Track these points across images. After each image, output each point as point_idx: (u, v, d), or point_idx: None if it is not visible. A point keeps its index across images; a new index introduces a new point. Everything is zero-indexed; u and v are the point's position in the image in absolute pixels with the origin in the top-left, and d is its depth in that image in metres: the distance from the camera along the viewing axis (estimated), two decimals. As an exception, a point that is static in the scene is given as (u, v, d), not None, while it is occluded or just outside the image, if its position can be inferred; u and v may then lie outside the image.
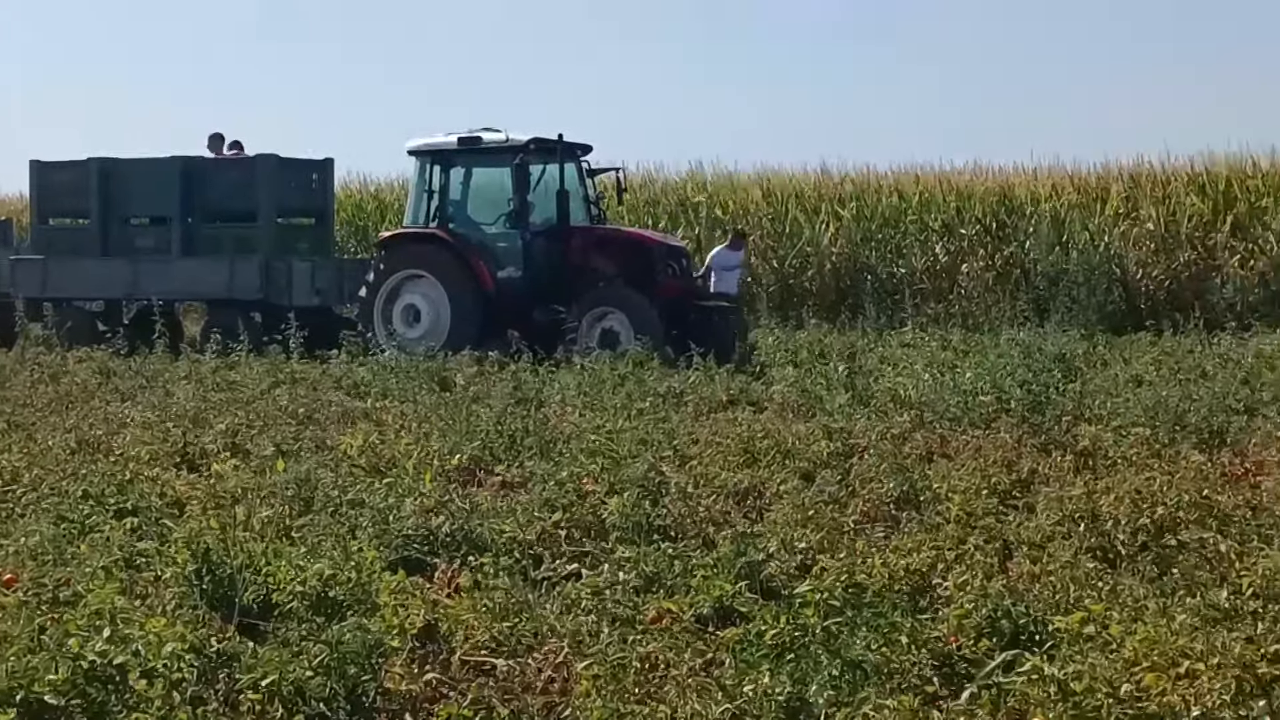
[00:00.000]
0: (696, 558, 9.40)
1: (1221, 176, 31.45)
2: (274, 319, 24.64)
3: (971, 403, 16.01)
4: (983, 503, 10.91)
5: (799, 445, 13.85)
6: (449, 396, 17.99)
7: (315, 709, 6.75)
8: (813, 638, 7.35)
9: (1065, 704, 6.11)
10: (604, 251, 24.73)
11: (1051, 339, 22.08)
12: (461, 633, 7.81)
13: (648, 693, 6.86)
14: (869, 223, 33.31)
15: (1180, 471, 11.82)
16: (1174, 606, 7.64)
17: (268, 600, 8.40)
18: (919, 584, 8.75)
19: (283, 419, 15.97)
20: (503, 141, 24.85)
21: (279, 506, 10.85)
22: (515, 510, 10.86)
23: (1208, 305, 28.55)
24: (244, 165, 27.31)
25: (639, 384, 18.54)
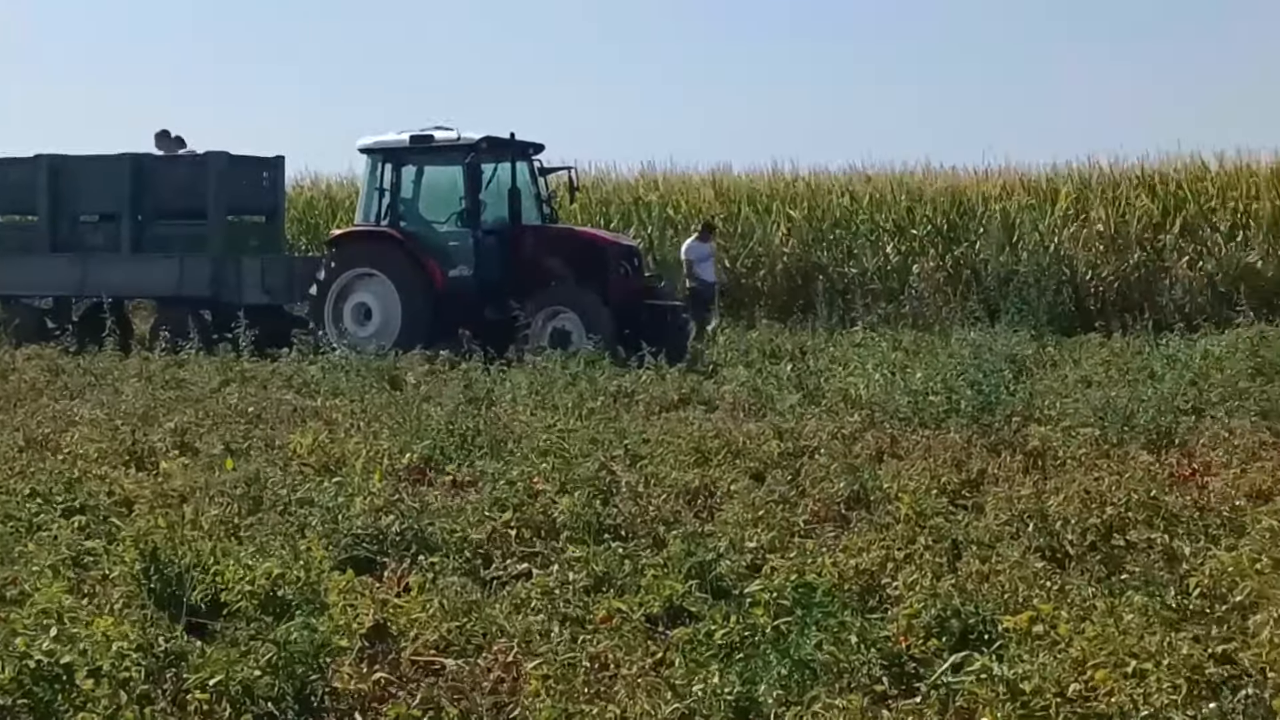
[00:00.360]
0: (647, 557, 9.41)
1: (1171, 178, 31.61)
2: (224, 317, 24.51)
3: (922, 403, 16.05)
4: (932, 502, 10.93)
5: (750, 445, 13.87)
6: (399, 395, 17.94)
7: (263, 708, 6.73)
8: (762, 637, 7.36)
9: (1014, 704, 6.12)
10: (556, 251, 24.69)
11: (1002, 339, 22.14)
12: (411, 632, 7.79)
13: (597, 692, 6.86)
14: (820, 223, 33.35)
15: (1129, 472, 11.87)
16: (1122, 606, 7.66)
17: (216, 599, 8.38)
18: (868, 583, 8.78)
19: (232, 417, 15.92)
20: (454, 140, 24.78)
21: (227, 505, 10.82)
22: (465, 509, 10.85)
23: (1156, 306, 28.69)
24: (194, 163, 27.17)
25: (590, 383, 18.54)
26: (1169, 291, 29.41)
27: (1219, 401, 16.82)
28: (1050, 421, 14.98)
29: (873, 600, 8.54)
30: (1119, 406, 15.10)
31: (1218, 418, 15.52)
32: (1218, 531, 10.05)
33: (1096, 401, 15.61)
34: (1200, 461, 13.06)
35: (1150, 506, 10.46)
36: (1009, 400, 15.87)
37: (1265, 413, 15.88)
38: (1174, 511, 10.45)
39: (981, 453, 13.50)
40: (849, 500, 11.49)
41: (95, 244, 27.16)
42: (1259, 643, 7.11)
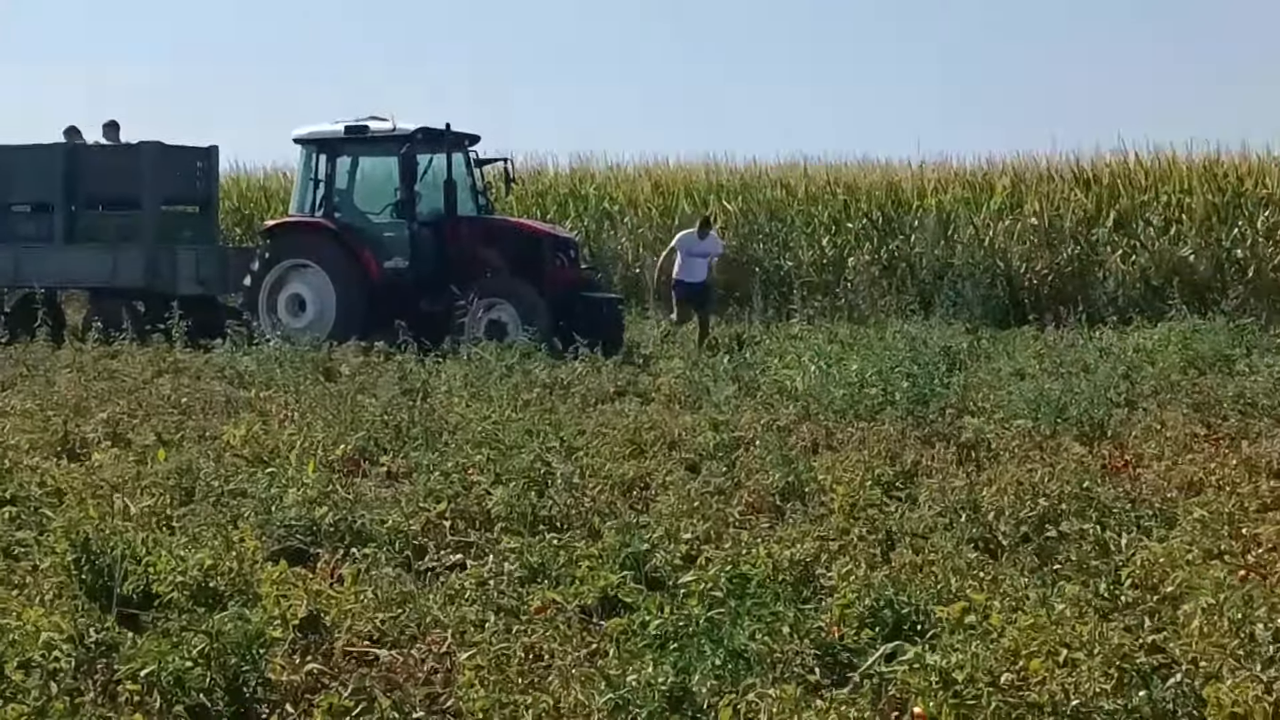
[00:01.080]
0: (582, 548, 9.40)
1: (1104, 172, 31.75)
2: (158, 307, 24.34)
3: (857, 395, 16.10)
4: (867, 494, 10.97)
5: (685, 436, 13.90)
6: (334, 387, 17.88)
7: (195, 700, 6.70)
8: (696, 628, 7.37)
9: (946, 693, 6.14)
10: (491, 242, 24.63)
11: (936, 332, 22.24)
12: (344, 623, 7.77)
13: (531, 683, 6.85)
14: (756, 216, 33.38)
15: (1061, 463, 11.96)
16: (1054, 596, 7.70)
17: (148, 590, 8.35)
18: (803, 574, 8.80)
19: (165, 408, 15.83)
20: (389, 131, 24.69)
21: (160, 496, 10.76)
22: (400, 501, 10.82)
23: (1090, 299, 28.83)
24: (128, 152, 26.98)
25: (526, 375, 18.51)
26: (1102, 285, 29.53)
27: (1151, 394, 16.95)
28: (984, 414, 15.06)
29: (807, 591, 8.56)
30: (1052, 399, 15.17)
31: (1150, 410, 15.63)
32: (1149, 523, 10.12)
33: (1030, 394, 15.67)
34: (1132, 453, 13.16)
35: (1083, 498, 10.54)
36: (943, 393, 15.94)
37: (1197, 405, 16.00)
38: (1106, 503, 10.53)
39: (916, 445, 13.56)
40: (784, 492, 11.51)
41: (27, 234, 26.90)
42: (1189, 632, 7.17)
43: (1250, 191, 30.01)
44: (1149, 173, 31.39)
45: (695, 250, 26.22)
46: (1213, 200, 30.04)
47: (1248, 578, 8.16)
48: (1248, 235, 29.18)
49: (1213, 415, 15.44)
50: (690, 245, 26.26)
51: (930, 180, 33.27)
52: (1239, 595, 7.46)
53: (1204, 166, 30.91)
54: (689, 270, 26.08)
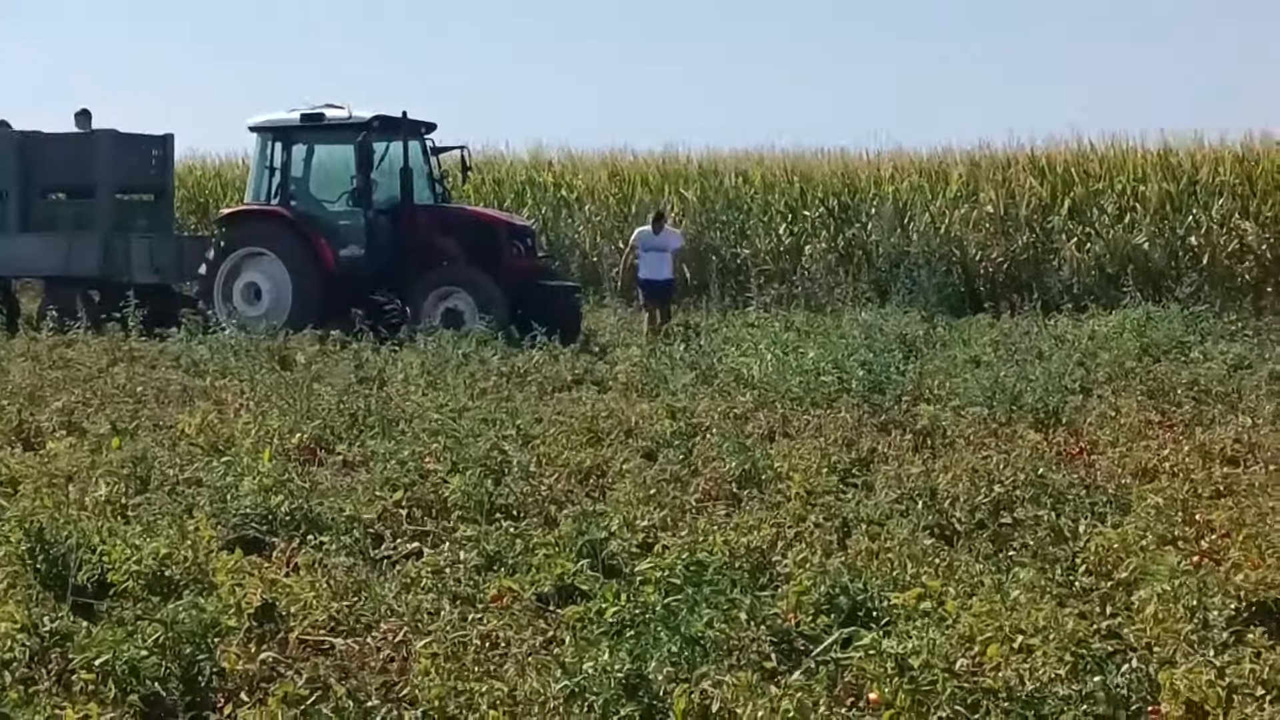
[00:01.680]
0: (538, 536, 9.40)
1: (1059, 160, 31.86)
2: (113, 296, 24.24)
3: (813, 383, 16.12)
4: (823, 481, 10.99)
5: (642, 424, 13.90)
6: (289, 375, 17.82)
7: (149, 689, 6.67)
8: (653, 615, 7.37)
9: (901, 679, 6.16)
10: (448, 230, 24.58)
11: (892, 320, 22.29)
12: (299, 612, 7.75)
13: (487, 670, 6.84)
14: (713, 204, 33.39)
15: (1017, 450, 12.01)
16: (1009, 583, 7.74)
17: (103, 580, 8.33)
18: (759, 561, 8.81)
19: (120, 397, 15.76)
20: (346, 118, 24.65)
21: (115, 485, 10.71)
22: (356, 489, 10.81)
23: (1045, 287, 28.93)
24: (82, 140, 26.83)
25: (482, 363, 18.51)
26: (1057, 273, 29.65)
27: (1106, 381, 17.02)
28: (940, 401, 15.10)
29: (763, 578, 8.56)
30: (1007, 386, 15.23)
31: (1105, 397, 15.70)
32: (1104, 509, 10.16)
33: (985, 381, 15.72)
34: (1087, 440, 13.21)
35: (1038, 484, 10.59)
36: (899, 380, 15.99)
37: (1151, 392, 16.07)
38: (1061, 489, 10.57)
39: (872, 432, 13.59)
40: (740, 479, 11.52)
41: (-20, 222, 26.75)
42: (1143, 618, 7.21)
43: (1204, 180, 30.15)
44: (1103, 161, 31.51)
45: (652, 245, 25.64)
46: (1167, 188, 30.18)
47: (1201, 563, 8.21)
48: (1202, 223, 29.32)
49: (1167, 402, 15.51)
50: (646, 241, 25.75)
51: (887, 169, 33.33)
52: (1193, 581, 7.51)
53: (1158, 155, 31.05)
54: (650, 267, 25.51)
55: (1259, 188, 29.69)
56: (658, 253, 25.57)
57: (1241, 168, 30.14)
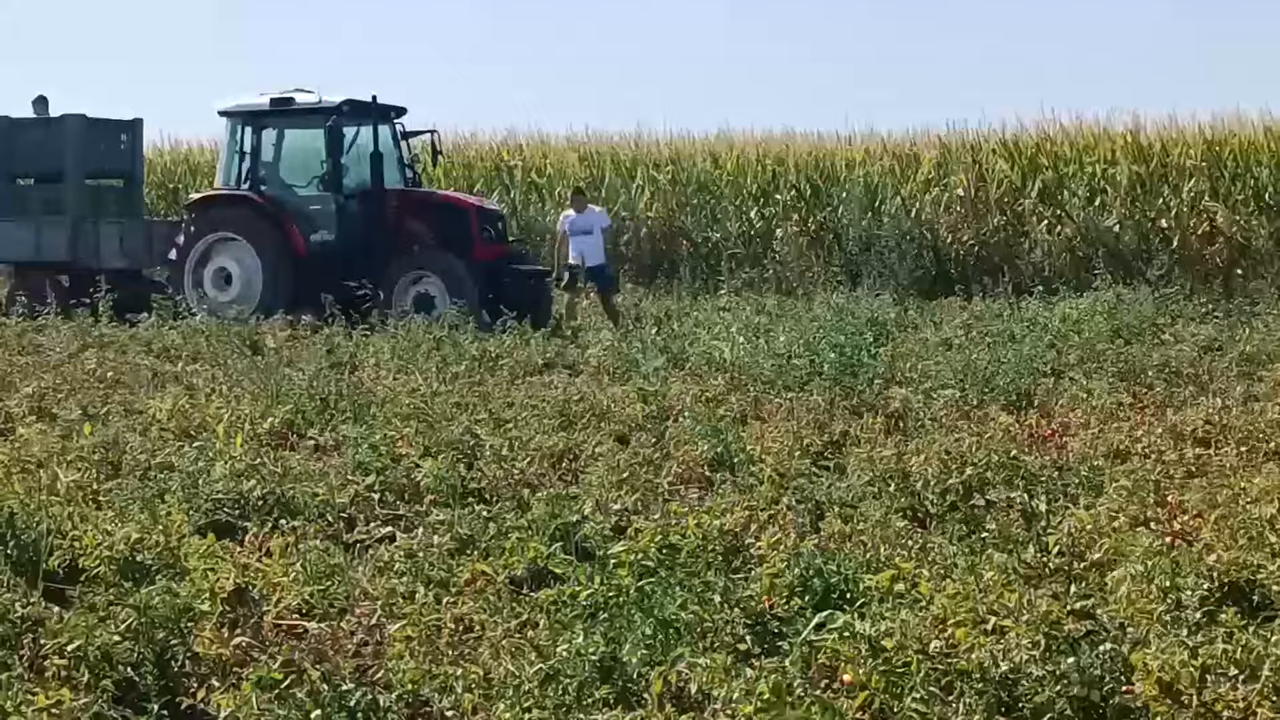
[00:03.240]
0: (511, 520, 9.40)
1: (1028, 143, 31.93)
2: (82, 282, 24.21)
3: (785, 366, 16.13)
4: (795, 464, 11.00)
5: (614, 408, 13.89)
6: (260, 360, 17.79)
7: (122, 674, 6.65)
8: (627, 598, 7.37)
9: (875, 661, 6.16)
10: (419, 215, 24.56)
11: (864, 303, 22.31)
12: (273, 596, 7.73)
13: (461, 654, 6.84)
14: (685, 187, 33.40)
15: (988, 432, 12.02)
16: (982, 564, 7.74)
17: (74, 565, 8.29)
18: (732, 544, 8.79)
19: (91, 383, 15.71)
20: (315, 103, 24.59)
21: (86, 471, 10.68)
22: (328, 474, 10.78)
23: (1016, 270, 29.01)
24: (50, 125, 26.73)
25: (454, 348, 18.48)
26: (1028, 255, 29.75)
27: (1077, 363, 17.06)
28: (911, 384, 15.14)
29: (737, 560, 8.56)
30: (979, 369, 15.25)
31: (1076, 379, 15.73)
32: (1076, 490, 10.20)
33: (957, 364, 15.75)
34: (1059, 422, 13.23)
35: (1010, 466, 10.60)
36: (871, 363, 15.98)
37: (1123, 374, 16.11)
38: (1033, 471, 10.60)
39: (844, 415, 13.61)
40: (713, 462, 11.53)
41: (-51, 208, 26.65)
42: (1116, 599, 7.22)
43: (1174, 162, 30.25)
44: (1073, 144, 31.58)
45: (578, 227, 24.49)
46: (1137, 171, 30.27)
47: (1174, 544, 8.21)
48: (1172, 205, 29.43)
49: (1138, 384, 15.55)
50: (572, 224, 24.63)
51: (858, 152, 33.37)
52: (1166, 562, 7.53)
53: (1128, 137, 31.11)
54: (579, 250, 24.30)
55: (1229, 170, 29.78)
56: (585, 235, 24.44)
57: (1211, 150, 30.22)
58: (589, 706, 6.23)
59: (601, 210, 26.71)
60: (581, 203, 25.15)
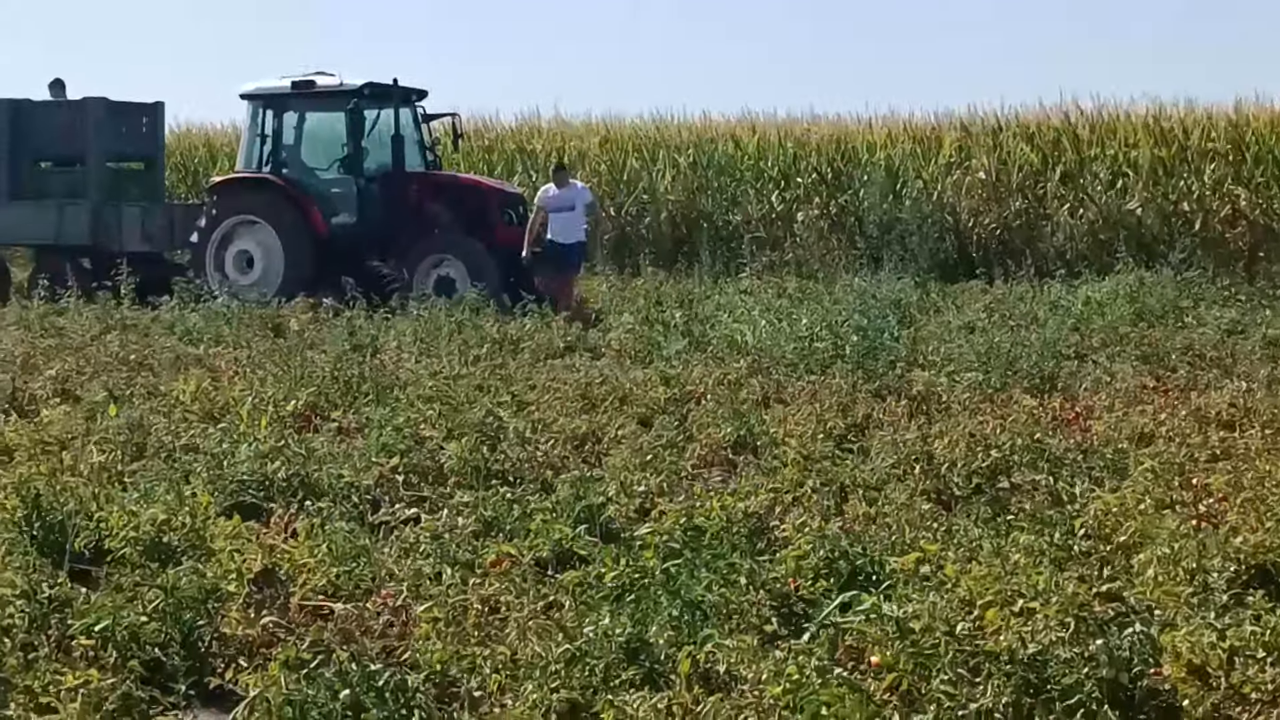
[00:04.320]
0: (535, 502, 9.41)
1: (1050, 127, 31.83)
2: (103, 264, 24.26)
3: (807, 349, 16.11)
4: (819, 447, 10.99)
5: (637, 391, 13.87)
6: (283, 343, 17.81)
7: (150, 654, 6.66)
8: (652, 580, 7.37)
9: (903, 643, 6.15)
10: (439, 198, 24.56)
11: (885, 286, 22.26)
12: (299, 577, 7.74)
13: (488, 635, 6.84)
14: (706, 170, 33.33)
15: (1012, 415, 11.99)
16: (1008, 547, 7.73)
17: (100, 546, 8.32)
18: (757, 526, 8.80)
19: (114, 365, 15.74)
20: (336, 86, 24.59)
21: (111, 452, 10.70)
22: (352, 455, 10.78)
23: (1038, 253, 28.93)
24: (72, 108, 26.76)
25: (475, 331, 18.47)
26: (1050, 238, 29.66)
27: (1100, 347, 17.02)
28: (934, 367, 15.10)
29: (761, 543, 8.56)
30: (1002, 352, 15.22)
31: (1099, 362, 15.69)
32: (1101, 474, 10.17)
33: (980, 347, 15.72)
34: (1083, 405, 13.20)
35: (1034, 449, 10.58)
36: (893, 346, 15.96)
37: (1146, 357, 16.07)
38: (1057, 454, 10.58)
39: (866, 398, 13.58)
40: (736, 445, 11.53)
41: (-30, 191, 26.70)
42: (1143, 581, 7.21)
43: (1196, 144, 30.13)
44: (1095, 127, 31.47)
45: (560, 204, 23.33)
46: (1159, 154, 30.16)
47: (1200, 527, 8.21)
48: (1194, 188, 29.31)
49: (1161, 367, 15.52)
50: (552, 201, 23.49)
51: (879, 135, 33.29)
52: (1192, 544, 7.51)
53: (1150, 120, 31.01)
54: (559, 229, 23.16)
55: (1251, 153, 29.67)
56: (566, 212, 23.27)
57: (1233, 133, 30.11)
58: (616, 687, 6.23)
59: (585, 185, 25.70)
60: (563, 177, 24.03)
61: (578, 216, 23.47)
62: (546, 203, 23.52)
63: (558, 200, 23.44)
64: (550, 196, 23.60)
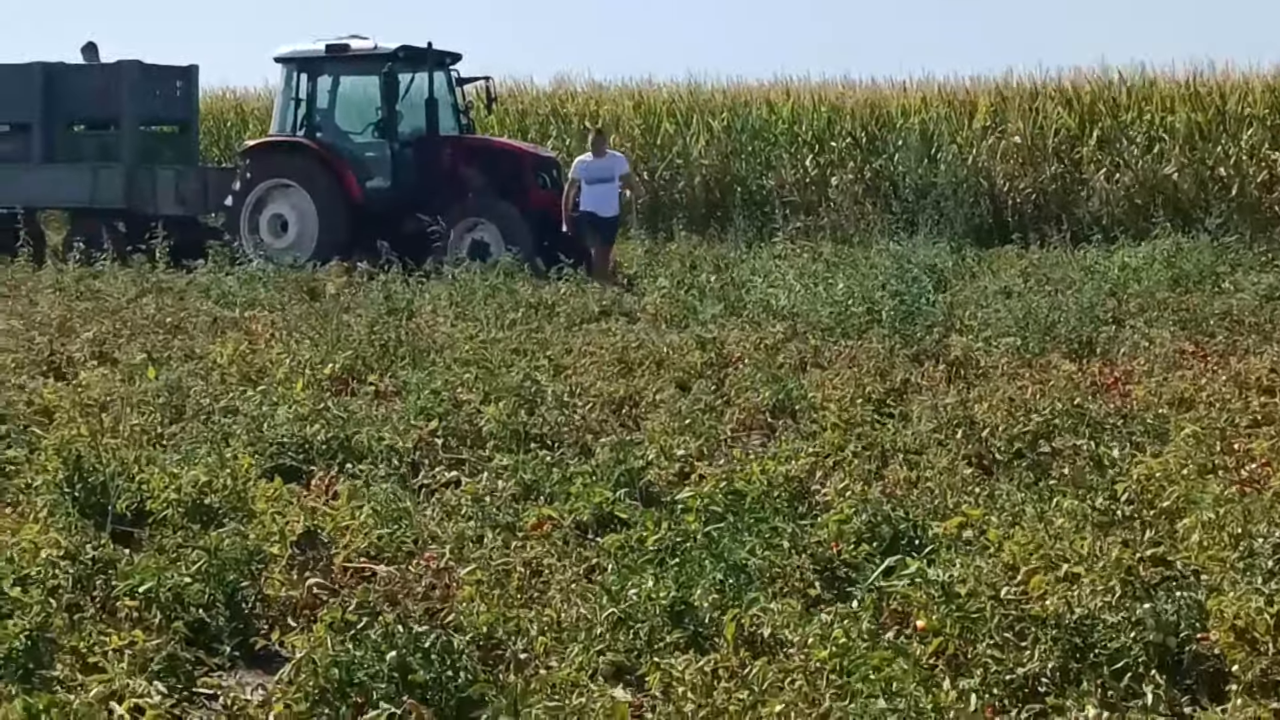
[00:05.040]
0: (575, 465, 9.40)
1: (1086, 90, 31.66)
2: (138, 228, 24.30)
3: (843, 313, 16.07)
4: (858, 411, 10.95)
5: (673, 355, 13.85)
6: (319, 306, 17.82)
7: (194, 615, 6.67)
8: (695, 543, 7.36)
9: (949, 606, 6.13)
10: (473, 162, 24.51)
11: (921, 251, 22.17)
12: (341, 539, 7.75)
13: (531, 597, 6.84)
14: (739, 135, 33.23)
15: (1051, 381, 11.94)
16: (1051, 512, 7.70)
17: (141, 508, 8.33)
18: (797, 490, 8.78)
19: (150, 328, 15.76)
20: (371, 49, 24.54)
21: (150, 414, 10.72)
22: (391, 418, 10.78)
23: (1074, 218, 28.79)
24: (107, 72, 26.79)
25: (510, 295, 18.44)
26: (1086, 204, 29.52)
27: (1138, 312, 16.92)
28: (971, 331, 15.04)
29: (802, 507, 8.54)
30: (1040, 317, 15.15)
31: (1137, 327, 15.60)
32: (1142, 438, 10.12)
33: (1017, 312, 15.65)
34: (1121, 370, 13.13)
35: (1074, 414, 10.53)
36: (930, 311, 15.89)
37: (1184, 322, 15.99)
38: (1098, 419, 10.52)
39: (904, 362, 13.53)
40: (774, 409, 11.51)
41: (6, 154, 26.74)
42: (1188, 546, 7.17)
43: (1233, 109, 29.94)
44: (1131, 91, 31.29)
45: (597, 175, 22.36)
46: (1196, 118, 29.98)
47: (1244, 492, 8.16)
48: (1231, 153, 29.12)
49: (1200, 332, 15.42)
50: (589, 170, 22.48)
51: (914, 99, 33.14)
52: (1237, 509, 7.47)
53: (1187, 84, 30.83)
54: (595, 200, 22.26)
55: (1289, 118, 29.49)
56: (604, 184, 22.37)
57: (1271, 98, 29.91)
58: (661, 650, 6.22)
59: (622, 155, 24.91)
60: (601, 145, 23.07)
61: (615, 188, 22.64)
62: (583, 173, 22.60)
63: (596, 170, 22.52)
64: (587, 166, 22.68)
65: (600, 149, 22.91)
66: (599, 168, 22.53)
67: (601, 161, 22.66)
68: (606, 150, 23.22)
